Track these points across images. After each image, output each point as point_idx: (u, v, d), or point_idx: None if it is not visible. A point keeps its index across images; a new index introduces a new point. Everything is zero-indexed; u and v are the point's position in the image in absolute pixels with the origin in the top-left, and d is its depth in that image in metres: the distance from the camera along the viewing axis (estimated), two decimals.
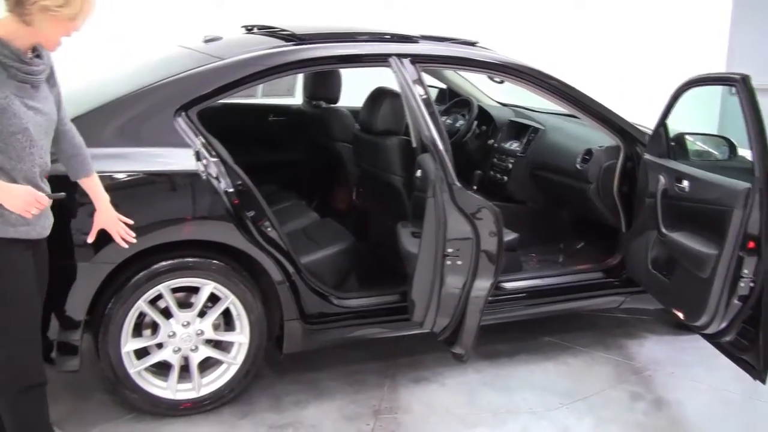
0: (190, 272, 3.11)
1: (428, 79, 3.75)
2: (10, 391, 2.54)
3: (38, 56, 2.44)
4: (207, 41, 3.69)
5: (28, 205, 2.36)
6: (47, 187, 2.52)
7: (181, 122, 3.09)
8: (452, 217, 3.05)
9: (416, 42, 3.64)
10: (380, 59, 3.44)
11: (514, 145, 4.59)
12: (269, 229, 3.19)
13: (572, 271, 4.01)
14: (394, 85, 3.49)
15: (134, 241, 2.82)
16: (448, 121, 4.85)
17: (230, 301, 3.19)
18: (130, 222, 2.80)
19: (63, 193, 2.56)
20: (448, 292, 3.12)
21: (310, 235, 3.79)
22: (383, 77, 3.61)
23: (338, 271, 3.61)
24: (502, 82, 3.95)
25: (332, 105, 4.41)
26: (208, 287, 3.14)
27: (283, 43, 3.45)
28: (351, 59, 3.51)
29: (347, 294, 3.48)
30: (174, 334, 3.16)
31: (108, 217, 2.77)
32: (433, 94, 4.94)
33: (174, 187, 3.08)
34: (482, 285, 3.13)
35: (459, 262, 3.08)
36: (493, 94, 5.01)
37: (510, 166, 4.52)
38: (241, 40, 3.72)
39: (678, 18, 7.49)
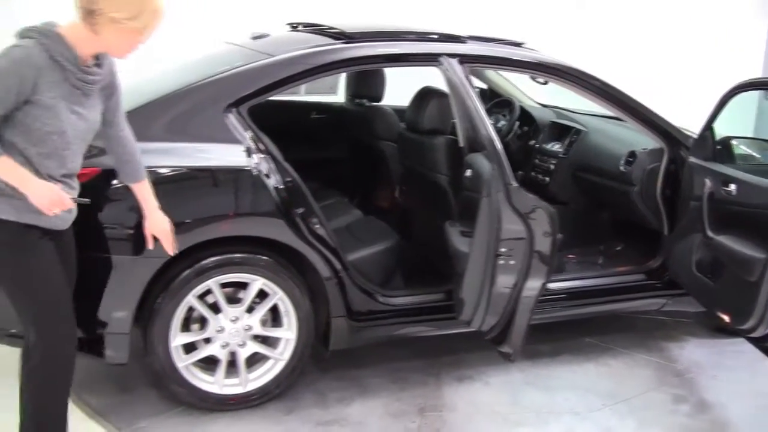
0: (238, 268, 3.14)
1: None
2: (38, 374, 2.56)
3: (98, 65, 2.48)
4: (254, 38, 3.73)
5: (52, 204, 2.39)
6: (77, 188, 2.57)
7: (231, 118, 3.12)
8: (506, 217, 3.06)
9: (464, 42, 3.65)
10: (430, 59, 3.46)
11: (555, 147, 4.58)
12: (317, 225, 3.21)
13: (613, 272, 4.01)
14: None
15: (176, 251, 2.85)
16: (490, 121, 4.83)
17: (278, 297, 3.21)
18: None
19: (88, 200, 2.59)
20: (499, 292, 3.13)
21: (354, 233, 3.80)
22: (424, 76, 3.64)
23: (383, 268, 3.63)
24: (546, 83, 3.94)
25: (376, 103, 4.43)
26: (257, 283, 3.17)
27: (331, 41, 3.47)
28: (401, 58, 3.53)
29: (392, 292, 3.50)
30: (222, 329, 3.19)
31: (155, 223, 2.79)
32: None
33: (225, 183, 3.11)
34: (534, 285, 3.15)
35: (512, 262, 3.09)
36: (534, 94, 5.01)
37: (552, 167, 4.52)
38: (289, 38, 3.75)
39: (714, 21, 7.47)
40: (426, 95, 3.73)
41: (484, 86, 5.04)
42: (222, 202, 3.11)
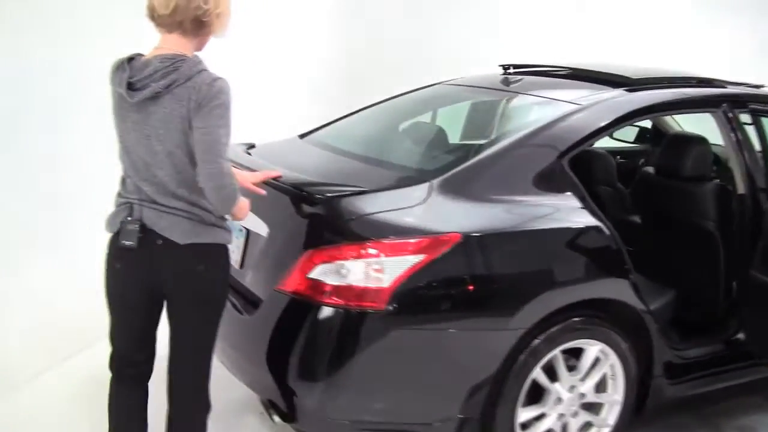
0: (579, 333, 2.97)
1: None
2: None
3: None
4: (508, 82, 3.59)
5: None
6: None
7: (565, 170, 2.97)
8: None
9: (725, 87, 3.61)
10: (713, 104, 3.41)
11: None
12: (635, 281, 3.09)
13: None
14: None
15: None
16: None
17: (611, 360, 3.06)
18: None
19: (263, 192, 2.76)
20: None
21: None
22: None
23: (667, 322, 3.52)
24: None
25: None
26: (595, 348, 3.01)
27: (608, 88, 3.36)
28: (686, 105, 3.46)
29: (685, 344, 3.39)
30: (560, 400, 3.00)
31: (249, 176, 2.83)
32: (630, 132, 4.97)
33: (581, 243, 2.96)
34: None
35: None
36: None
37: None
38: (564, 83, 3.60)
39: None
40: (686, 141, 3.64)
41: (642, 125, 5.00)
42: (580, 263, 2.96)
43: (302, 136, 3.85)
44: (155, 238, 2.38)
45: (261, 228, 2.95)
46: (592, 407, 3.14)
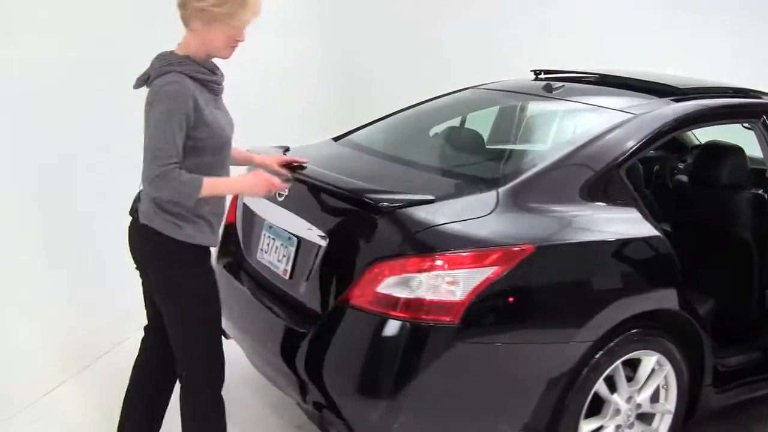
0: (636, 345, 2.95)
1: None
2: (212, 389, 2.69)
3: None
4: (550, 89, 3.56)
5: (271, 185, 2.66)
6: None
7: (623, 178, 2.96)
8: None
9: (761, 97, 3.64)
10: (754, 115, 3.43)
11: None
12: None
13: None
14: None
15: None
16: None
17: (666, 370, 3.05)
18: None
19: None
20: None
21: None
22: None
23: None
24: None
25: None
26: (652, 359, 3.00)
27: (653, 97, 3.35)
28: (732, 115, 3.47)
29: (727, 353, 3.40)
30: (618, 411, 2.97)
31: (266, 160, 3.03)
32: None
33: (645, 253, 2.95)
34: None
35: None
36: None
37: None
38: (609, 91, 3.57)
39: None
40: (721, 150, 3.65)
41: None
42: (643, 273, 2.95)
43: (336, 139, 3.76)
44: (136, 216, 2.62)
45: (318, 237, 2.85)
46: (644, 418, 3.12)
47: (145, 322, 2.92)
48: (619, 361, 2.90)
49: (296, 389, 2.89)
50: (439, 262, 2.55)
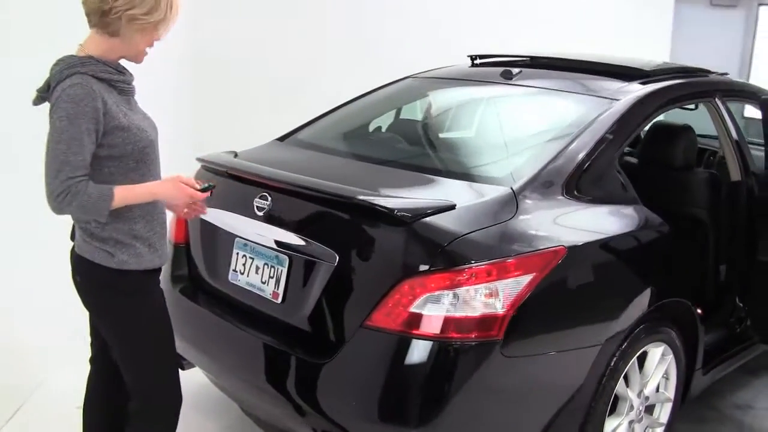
0: (650, 337, 2.88)
1: None
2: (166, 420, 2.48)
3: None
4: (507, 76, 3.39)
5: (188, 197, 2.32)
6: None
7: (619, 168, 2.91)
8: None
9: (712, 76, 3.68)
10: (707, 95, 3.45)
11: None
12: None
13: None
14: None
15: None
16: None
17: (669, 360, 3.02)
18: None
19: (213, 183, 2.45)
20: None
21: None
22: None
23: None
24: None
25: None
26: (659, 350, 2.95)
27: (627, 80, 3.27)
28: (697, 95, 3.48)
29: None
30: (632, 407, 2.91)
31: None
32: None
33: (659, 245, 2.92)
34: None
35: None
36: None
37: None
38: (575, 76, 3.42)
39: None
40: (674, 131, 3.63)
41: None
42: (660, 264, 2.93)
43: (281, 139, 3.41)
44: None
45: (321, 255, 2.53)
46: (648, 409, 3.08)
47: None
48: (636, 355, 2.82)
49: (295, 419, 2.60)
50: (473, 275, 2.34)
